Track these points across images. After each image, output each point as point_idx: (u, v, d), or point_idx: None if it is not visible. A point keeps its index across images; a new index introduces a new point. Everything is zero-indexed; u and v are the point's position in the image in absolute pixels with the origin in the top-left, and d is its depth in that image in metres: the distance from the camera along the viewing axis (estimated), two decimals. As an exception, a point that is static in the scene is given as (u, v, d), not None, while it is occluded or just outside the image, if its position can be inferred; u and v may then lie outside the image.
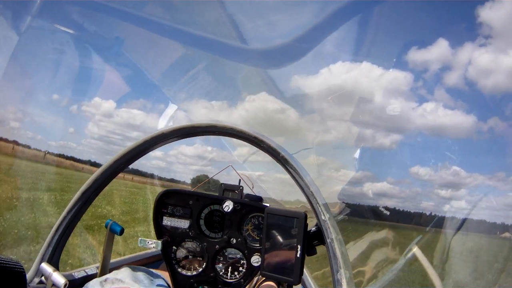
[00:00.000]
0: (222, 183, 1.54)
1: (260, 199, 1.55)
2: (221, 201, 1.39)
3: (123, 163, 1.53)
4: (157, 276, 1.31)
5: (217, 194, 1.50)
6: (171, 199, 1.42)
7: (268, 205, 1.49)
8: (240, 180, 1.58)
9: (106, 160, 1.44)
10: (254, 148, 1.45)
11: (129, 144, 1.54)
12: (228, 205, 1.37)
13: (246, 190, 1.61)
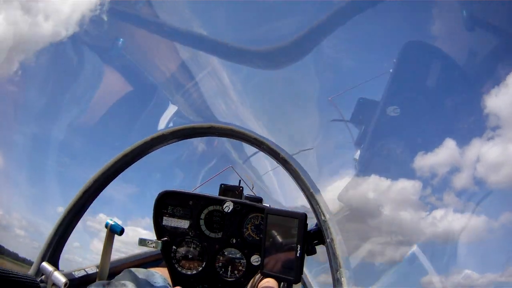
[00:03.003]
0: (222, 184, 1.54)
1: (260, 199, 1.55)
2: (221, 202, 1.39)
3: (123, 164, 1.54)
4: (159, 278, 1.31)
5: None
6: (171, 200, 1.42)
7: (268, 205, 1.49)
8: (240, 180, 1.58)
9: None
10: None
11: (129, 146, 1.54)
12: (229, 206, 1.38)
13: (246, 191, 1.62)
